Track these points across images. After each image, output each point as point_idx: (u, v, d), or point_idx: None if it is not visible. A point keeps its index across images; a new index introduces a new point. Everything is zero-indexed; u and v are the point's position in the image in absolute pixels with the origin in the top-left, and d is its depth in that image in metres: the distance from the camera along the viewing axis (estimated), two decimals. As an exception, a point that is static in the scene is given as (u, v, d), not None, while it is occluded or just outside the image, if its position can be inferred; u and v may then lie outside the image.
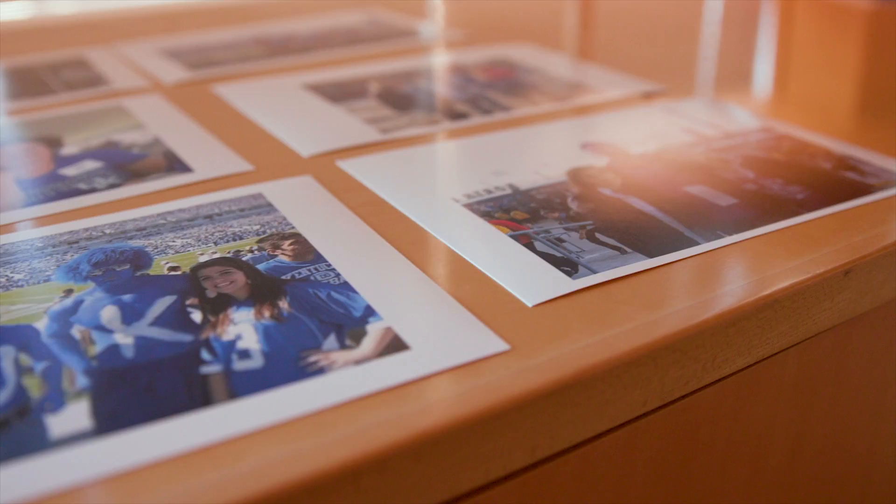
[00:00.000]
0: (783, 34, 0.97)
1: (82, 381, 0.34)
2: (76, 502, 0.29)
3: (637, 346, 0.37)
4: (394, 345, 0.36)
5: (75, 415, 0.32)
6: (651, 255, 0.43)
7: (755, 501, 0.49)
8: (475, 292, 0.41)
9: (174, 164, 0.56)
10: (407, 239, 0.46)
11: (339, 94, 0.69)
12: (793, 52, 0.90)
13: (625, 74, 0.74)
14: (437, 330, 0.37)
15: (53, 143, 0.61)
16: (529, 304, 0.39)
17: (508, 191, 0.50)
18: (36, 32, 0.98)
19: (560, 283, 0.41)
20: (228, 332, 0.37)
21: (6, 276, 0.43)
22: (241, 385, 0.34)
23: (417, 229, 0.47)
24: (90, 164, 0.56)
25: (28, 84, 0.75)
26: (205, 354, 0.36)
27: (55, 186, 0.53)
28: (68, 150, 0.59)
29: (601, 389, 0.36)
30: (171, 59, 0.82)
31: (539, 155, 0.57)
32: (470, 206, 0.49)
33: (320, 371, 0.35)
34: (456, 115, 0.64)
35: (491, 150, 0.57)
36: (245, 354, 0.36)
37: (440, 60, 0.79)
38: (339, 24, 0.95)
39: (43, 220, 0.49)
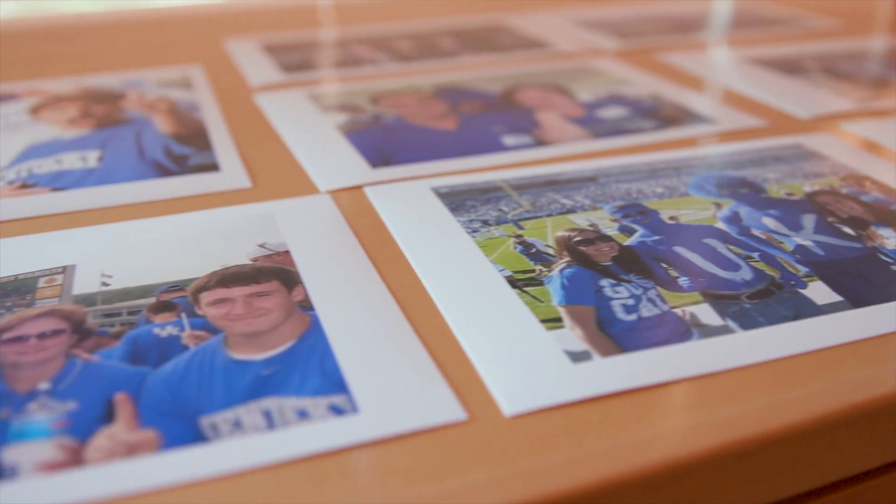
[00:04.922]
0: None
1: (802, 268, 0.45)
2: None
3: None
4: None
5: (823, 291, 0.43)
6: None
7: None
8: None
9: (691, 115, 0.67)
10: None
11: (784, 69, 0.80)
12: None
13: None
14: None
15: (565, 91, 0.73)
16: None
17: None
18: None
19: None
20: (887, 243, 0.48)
21: (651, 189, 0.54)
22: (936, 281, 0.44)
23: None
24: (618, 110, 0.68)
25: (480, 43, 0.88)
26: (882, 257, 0.47)
27: (607, 125, 0.65)
28: (584, 97, 0.71)
29: None
30: (590, 29, 0.93)
31: None
32: None
33: None
34: (906, 93, 0.73)
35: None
36: (919, 261, 0.46)
37: (834, 46, 0.88)
38: (681, 12, 1.05)
39: (624, 151, 0.60)
